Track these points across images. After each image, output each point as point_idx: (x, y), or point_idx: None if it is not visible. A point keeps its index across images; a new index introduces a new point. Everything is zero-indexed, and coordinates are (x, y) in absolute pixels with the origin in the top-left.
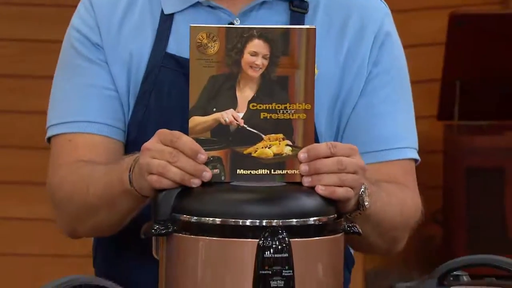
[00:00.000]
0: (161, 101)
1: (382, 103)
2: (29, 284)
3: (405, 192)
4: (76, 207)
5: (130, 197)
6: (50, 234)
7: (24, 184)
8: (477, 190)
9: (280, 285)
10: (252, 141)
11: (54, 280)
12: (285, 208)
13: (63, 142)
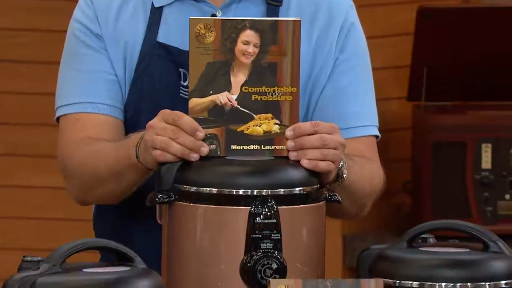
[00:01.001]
0: (153, 85)
1: (347, 85)
2: (54, 245)
3: (371, 165)
4: (87, 178)
5: (136, 170)
6: (72, 201)
7: (46, 157)
8: (441, 162)
9: (269, 247)
10: (244, 120)
11: (70, 242)
12: (274, 179)
13: (71, 121)
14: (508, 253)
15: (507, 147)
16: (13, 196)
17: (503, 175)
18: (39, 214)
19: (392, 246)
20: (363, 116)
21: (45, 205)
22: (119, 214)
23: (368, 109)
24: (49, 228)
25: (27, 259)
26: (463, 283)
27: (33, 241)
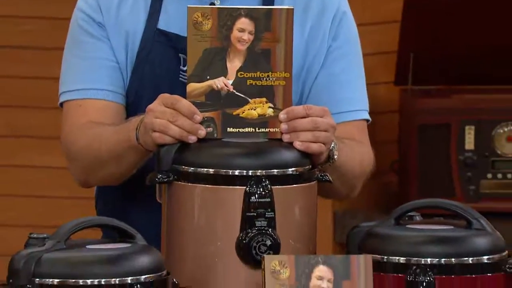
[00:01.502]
0: (154, 70)
1: (340, 72)
2: (58, 222)
3: (362, 148)
4: (89, 161)
5: (136, 152)
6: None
7: (49, 139)
8: (427, 144)
9: (263, 225)
10: (240, 104)
11: (74, 220)
12: (268, 160)
13: (74, 107)
14: (490, 230)
15: (489, 129)
16: (19, 175)
17: (485, 156)
18: (44, 193)
19: (380, 223)
20: (354, 101)
21: (49, 184)
22: (119, 195)
23: (359, 95)
24: (54, 206)
25: (33, 236)
26: (448, 258)
27: (38, 219)
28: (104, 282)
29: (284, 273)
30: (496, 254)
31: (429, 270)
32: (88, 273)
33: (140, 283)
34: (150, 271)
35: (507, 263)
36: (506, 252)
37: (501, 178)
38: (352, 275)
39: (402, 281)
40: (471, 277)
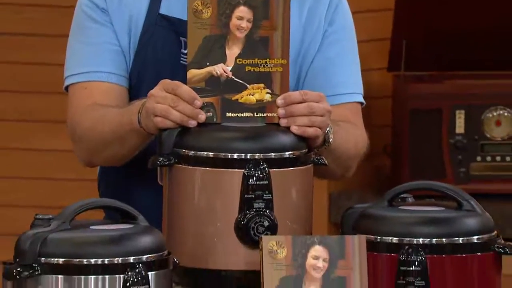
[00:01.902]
0: (156, 54)
1: (335, 56)
2: (64, 203)
3: (356, 130)
4: (93, 142)
5: (138, 135)
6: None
7: (56, 123)
8: (419, 128)
9: (261, 207)
10: (238, 90)
11: (79, 201)
12: (266, 144)
13: (79, 89)
14: (479, 211)
15: (479, 113)
16: (27, 158)
17: (475, 139)
18: (50, 175)
19: (374, 205)
20: (349, 84)
21: (56, 166)
22: (122, 178)
23: (354, 78)
24: (60, 188)
25: (39, 217)
26: (439, 238)
27: (44, 200)
28: (107, 262)
29: (281, 253)
30: (485, 234)
31: (421, 250)
32: (92, 253)
33: (142, 263)
34: (152, 251)
35: (496, 243)
36: (495, 232)
37: (490, 160)
38: (347, 254)
39: (395, 261)
40: (461, 256)
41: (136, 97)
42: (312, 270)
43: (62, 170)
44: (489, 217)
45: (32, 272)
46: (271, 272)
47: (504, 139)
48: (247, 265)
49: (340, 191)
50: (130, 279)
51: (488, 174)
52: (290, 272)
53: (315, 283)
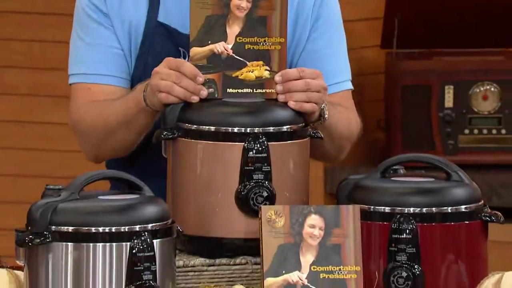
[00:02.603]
0: (156, 61)
1: (323, 48)
2: (73, 174)
3: (349, 113)
4: (98, 134)
5: (145, 114)
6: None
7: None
8: (410, 103)
9: (260, 178)
10: (239, 67)
11: (87, 172)
12: (264, 119)
13: (82, 90)
14: (467, 182)
15: (466, 89)
16: (37, 130)
17: (463, 113)
18: (60, 147)
19: (368, 176)
20: (338, 73)
21: (65, 138)
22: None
23: (342, 67)
24: (69, 159)
25: (49, 187)
26: (429, 207)
27: (54, 170)
28: (114, 230)
29: (279, 222)
30: (473, 203)
31: (412, 218)
32: (99, 222)
33: (147, 231)
34: (157, 220)
35: (483, 212)
36: (482, 201)
37: (477, 133)
38: (342, 223)
39: (387, 229)
40: (450, 224)
41: None
42: (309, 238)
43: (71, 142)
44: (476, 187)
45: (43, 239)
46: (270, 240)
47: (491, 112)
48: (247, 234)
49: (335, 163)
50: (136, 246)
51: (475, 146)
52: (288, 240)
53: (312, 250)
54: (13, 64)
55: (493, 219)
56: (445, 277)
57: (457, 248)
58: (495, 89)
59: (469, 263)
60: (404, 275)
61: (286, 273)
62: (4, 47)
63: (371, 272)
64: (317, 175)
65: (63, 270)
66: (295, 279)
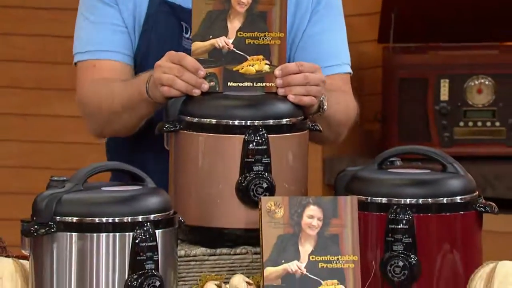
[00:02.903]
0: (159, 38)
1: (324, 31)
2: (77, 166)
3: (346, 98)
4: (104, 115)
5: (146, 104)
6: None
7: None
8: (407, 96)
9: (260, 169)
10: (239, 61)
11: (91, 164)
12: (264, 112)
13: (88, 67)
14: (462, 173)
15: (461, 82)
16: (42, 123)
17: (458, 106)
18: (64, 139)
19: (365, 168)
20: (338, 56)
21: (69, 131)
22: (128, 144)
23: (342, 50)
24: (73, 151)
25: (54, 179)
26: (425, 198)
27: (59, 162)
28: (117, 220)
29: (279, 213)
30: (468, 194)
31: (408, 209)
32: (103, 212)
33: (149, 221)
34: (159, 210)
35: (477, 202)
36: (476, 192)
37: (472, 125)
38: (340, 214)
39: (384, 219)
40: (445, 215)
41: None
42: (308, 228)
43: (75, 135)
44: (471, 179)
45: (48, 229)
46: (270, 230)
47: (485, 105)
48: (247, 224)
49: (334, 155)
50: (139, 236)
51: (470, 138)
52: (287, 230)
53: (310, 240)
54: (18, 59)
55: (487, 210)
56: (440, 266)
57: (452, 238)
58: (490, 83)
59: (464, 253)
60: (401, 264)
61: (286, 262)
62: (8, 41)
63: (368, 262)
64: (316, 167)
65: (67, 259)
66: (294, 268)
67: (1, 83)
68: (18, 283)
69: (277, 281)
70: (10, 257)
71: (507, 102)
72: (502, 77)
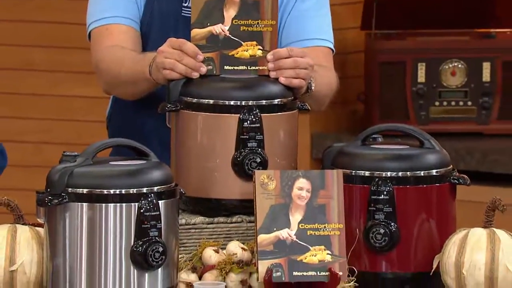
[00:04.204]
0: (161, 7)
1: (309, 9)
2: (87, 142)
3: (328, 72)
4: (110, 78)
5: (149, 83)
6: (103, 108)
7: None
8: (387, 78)
9: (254, 146)
10: (234, 46)
11: (103, 140)
12: (258, 93)
13: (102, 31)
14: (438, 148)
15: (437, 66)
16: (57, 103)
17: (433, 87)
18: (77, 117)
19: (350, 144)
20: (321, 31)
21: (81, 110)
22: (132, 118)
23: (325, 28)
24: (84, 129)
25: (66, 154)
26: (404, 172)
27: (72, 138)
28: (124, 192)
29: (271, 185)
30: (443, 168)
31: (389, 181)
32: (111, 184)
33: (153, 193)
34: (162, 183)
35: (451, 175)
36: (451, 166)
37: (446, 105)
38: (327, 186)
39: (367, 191)
40: (422, 187)
41: (146, 43)
42: (297, 199)
43: (86, 114)
44: (446, 153)
45: (61, 200)
46: (263, 200)
47: (458, 87)
48: (242, 195)
49: (321, 132)
50: (143, 206)
51: (444, 117)
52: (279, 201)
53: (300, 210)
54: (35, 44)
55: (460, 182)
56: (418, 233)
57: (429, 208)
58: (462, 66)
59: (439, 221)
60: (382, 231)
61: (277, 230)
62: (27, 28)
63: (352, 229)
64: (305, 143)
65: (78, 227)
66: (285, 235)
67: (20, 66)
68: (33, 248)
69: (270, 247)
70: (26, 224)
71: (477, 83)
72: (473, 61)
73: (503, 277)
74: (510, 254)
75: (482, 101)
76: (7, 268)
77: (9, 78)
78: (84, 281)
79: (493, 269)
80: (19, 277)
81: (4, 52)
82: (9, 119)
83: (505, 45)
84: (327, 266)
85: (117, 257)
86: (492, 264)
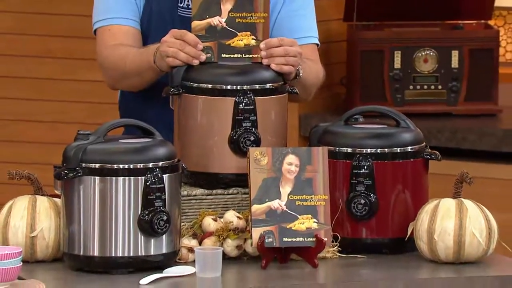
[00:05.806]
0: (159, 8)
1: (298, 9)
2: (99, 121)
3: (316, 65)
4: (117, 74)
5: (153, 71)
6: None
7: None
8: (367, 64)
9: (248, 125)
10: (231, 36)
11: (111, 121)
12: (251, 78)
13: (105, 31)
14: (412, 128)
15: (411, 53)
16: (74, 87)
17: (408, 72)
18: (89, 99)
19: (334, 124)
20: (308, 30)
21: (93, 93)
22: (138, 102)
23: (312, 25)
24: (96, 110)
25: (80, 132)
26: (382, 148)
27: (85, 118)
28: (132, 167)
29: (264, 160)
30: (417, 145)
31: (369, 157)
32: (120, 160)
33: (158, 168)
34: (166, 158)
35: (424, 151)
36: (424, 143)
37: (419, 88)
38: (314, 161)
39: (349, 166)
40: (399, 162)
41: (146, 40)
42: (287, 173)
43: (98, 96)
44: (419, 132)
45: (75, 174)
46: (256, 174)
47: (430, 72)
48: (238, 169)
49: (307, 113)
50: (149, 180)
51: (418, 99)
52: (270, 175)
53: (289, 183)
54: (52, 34)
55: (432, 157)
56: (394, 203)
57: (404, 181)
58: (434, 54)
59: (414, 192)
60: (362, 202)
61: (269, 201)
62: (45, 20)
63: (336, 200)
64: (293, 123)
65: (91, 198)
66: (276, 205)
67: (39, 54)
68: (52, 216)
69: (262, 216)
70: (45, 195)
71: (447, 69)
72: (443, 49)
73: (470, 241)
74: (476, 222)
75: (451, 85)
76: (28, 234)
77: (29, 64)
78: (96, 245)
79: (461, 234)
80: (39, 242)
81: (26, 41)
82: (29, 100)
83: (471, 35)
84: (313, 232)
85: (126, 224)
86: (460, 230)
